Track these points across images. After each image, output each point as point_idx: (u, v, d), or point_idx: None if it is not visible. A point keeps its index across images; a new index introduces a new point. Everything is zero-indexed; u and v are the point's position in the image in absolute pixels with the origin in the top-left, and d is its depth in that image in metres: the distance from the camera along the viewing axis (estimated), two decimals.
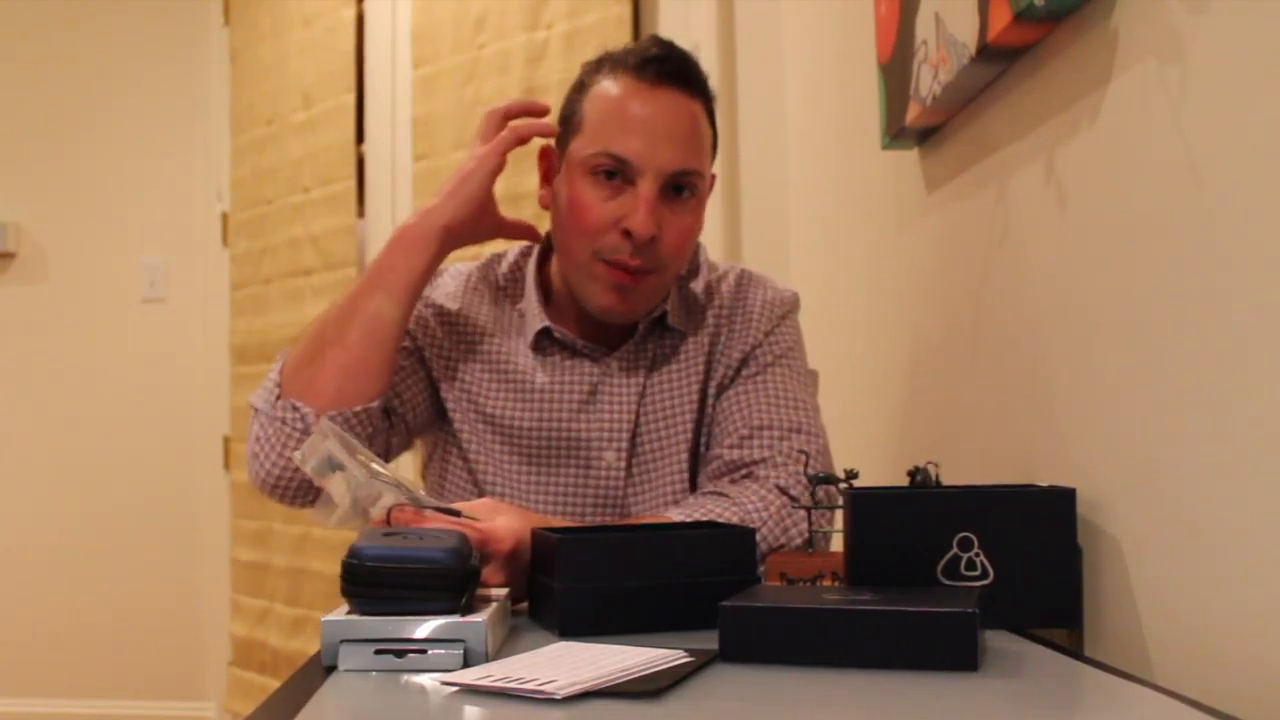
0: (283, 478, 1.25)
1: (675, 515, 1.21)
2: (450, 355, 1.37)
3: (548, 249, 1.40)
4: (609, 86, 1.29)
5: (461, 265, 1.44)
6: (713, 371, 1.36)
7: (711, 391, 1.36)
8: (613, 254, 1.26)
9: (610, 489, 1.33)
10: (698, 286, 1.39)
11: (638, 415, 1.33)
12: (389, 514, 1.01)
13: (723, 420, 1.33)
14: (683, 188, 1.28)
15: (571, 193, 1.28)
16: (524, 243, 1.44)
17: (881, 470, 1.63)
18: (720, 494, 1.25)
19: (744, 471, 1.29)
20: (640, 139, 1.25)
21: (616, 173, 1.26)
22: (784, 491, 1.24)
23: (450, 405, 1.36)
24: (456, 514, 1.03)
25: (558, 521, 1.22)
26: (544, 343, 1.35)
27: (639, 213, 1.24)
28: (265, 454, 1.25)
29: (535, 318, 1.35)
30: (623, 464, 1.32)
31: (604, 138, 1.26)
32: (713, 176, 1.38)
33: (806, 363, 1.42)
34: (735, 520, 1.20)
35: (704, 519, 1.18)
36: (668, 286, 1.33)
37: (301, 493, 1.26)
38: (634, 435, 1.33)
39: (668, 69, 1.28)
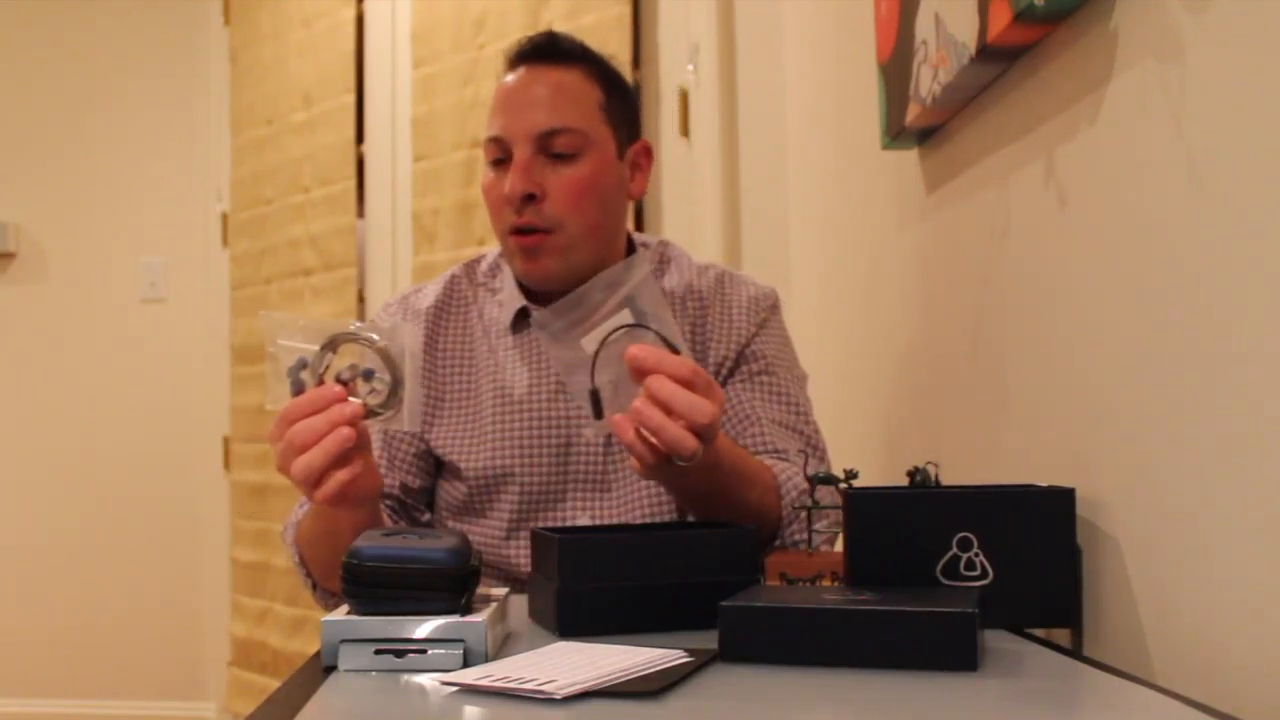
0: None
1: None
2: (431, 383, 1.41)
3: None
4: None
5: (445, 274, 1.48)
6: (698, 359, 1.38)
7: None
8: (511, 225, 1.33)
9: (590, 464, 1.36)
10: (671, 281, 1.43)
11: None
12: (629, 353, 1.03)
13: (733, 416, 1.36)
14: (561, 150, 1.32)
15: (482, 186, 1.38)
16: None
17: (880, 470, 1.64)
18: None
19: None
20: (506, 115, 1.34)
21: (503, 158, 1.33)
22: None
23: (435, 430, 1.41)
24: (676, 350, 1.06)
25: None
26: (521, 324, 1.41)
27: (509, 176, 1.31)
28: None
29: (513, 300, 1.41)
30: (600, 439, 1.36)
31: (487, 128, 1.36)
32: (645, 145, 1.42)
33: (798, 361, 1.47)
34: (775, 472, 1.25)
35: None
36: (586, 247, 1.35)
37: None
38: None
39: (526, 49, 1.36)
